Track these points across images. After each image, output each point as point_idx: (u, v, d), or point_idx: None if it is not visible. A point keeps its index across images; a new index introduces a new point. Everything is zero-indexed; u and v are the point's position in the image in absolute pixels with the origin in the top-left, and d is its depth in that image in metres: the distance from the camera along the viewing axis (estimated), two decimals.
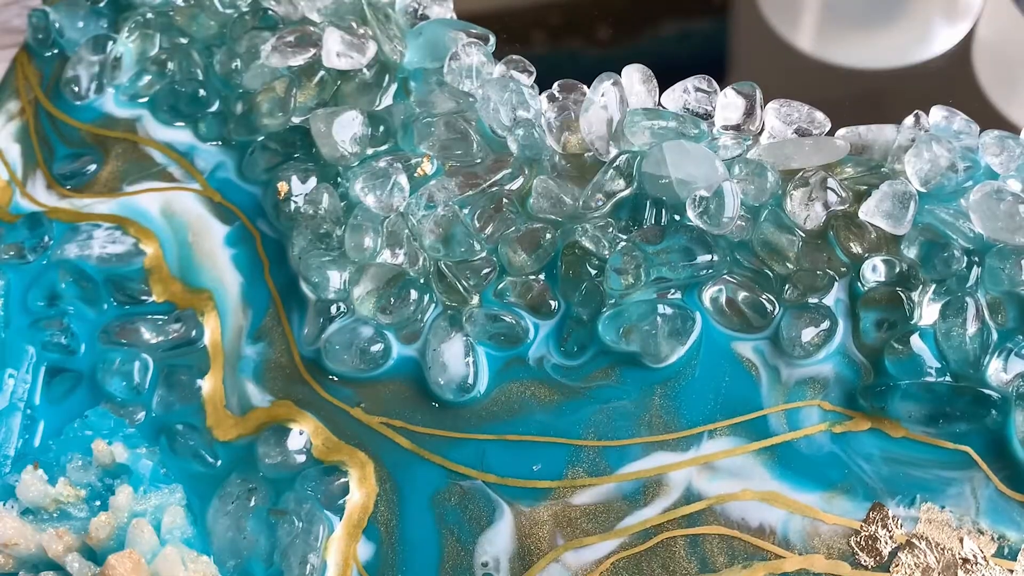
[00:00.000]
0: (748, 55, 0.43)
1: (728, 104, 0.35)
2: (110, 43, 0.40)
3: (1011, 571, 0.28)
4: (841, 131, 0.34)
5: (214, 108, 0.39)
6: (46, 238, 0.37)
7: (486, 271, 0.33)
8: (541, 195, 0.34)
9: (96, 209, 0.37)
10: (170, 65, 0.40)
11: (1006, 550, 0.29)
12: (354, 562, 0.30)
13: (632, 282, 0.32)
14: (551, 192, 0.34)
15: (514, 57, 0.37)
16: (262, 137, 0.37)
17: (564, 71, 0.37)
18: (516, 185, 0.35)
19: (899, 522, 0.29)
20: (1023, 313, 0.31)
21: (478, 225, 0.34)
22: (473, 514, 0.30)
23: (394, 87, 0.38)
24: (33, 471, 0.31)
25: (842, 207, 0.33)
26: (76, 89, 0.40)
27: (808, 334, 0.31)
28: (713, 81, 0.35)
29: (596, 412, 0.32)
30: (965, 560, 0.29)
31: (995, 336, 0.31)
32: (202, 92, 0.39)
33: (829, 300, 0.32)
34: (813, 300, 0.32)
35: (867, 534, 0.29)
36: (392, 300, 0.33)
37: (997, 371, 0.30)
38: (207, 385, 0.33)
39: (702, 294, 0.33)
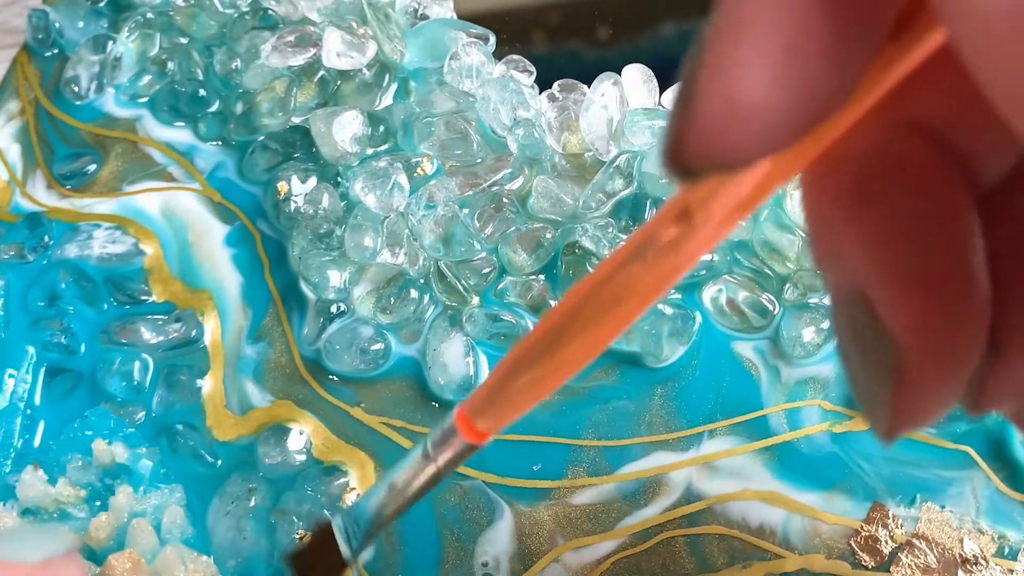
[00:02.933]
0: None
1: None
2: (110, 43, 0.40)
3: (1011, 571, 0.28)
4: None
5: (214, 108, 0.39)
6: (46, 238, 0.36)
7: (486, 271, 0.33)
8: (541, 195, 0.34)
9: (96, 209, 0.37)
10: (170, 65, 0.40)
11: (1006, 550, 0.29)
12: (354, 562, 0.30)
13: None
14: (551, 192, 0.34)
15: (514, 57, 0.37)
16: (262, 137, 0.37)
17: (564, 71, 0.37)
18: (516, 185, 0.35)
19: (899, 522, 0.29)
20: None
21: (478, 225, 0.34)
22: (473, 514, 0.30)
23: (394, 87, 0.38)
24: (33, 471, 0.31)
25: None
26: (76, 89, 0.40)
27: (808, 334, 0.31)
28: None
29: (596, 412, 0.32)
30: (965, 560, 0.29)
31: None
32: (202, 92, 0.39)
33: (829, 300, 0.32)
34: (813, 300, 0.32)
35: (867, 534, 0.29)
36: (392, 300, 0.33)
37: None
38: (207, 385, 0.33)
39: (702, 294, 0.33)
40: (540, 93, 0.36)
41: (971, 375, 0.14)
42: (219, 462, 0.32)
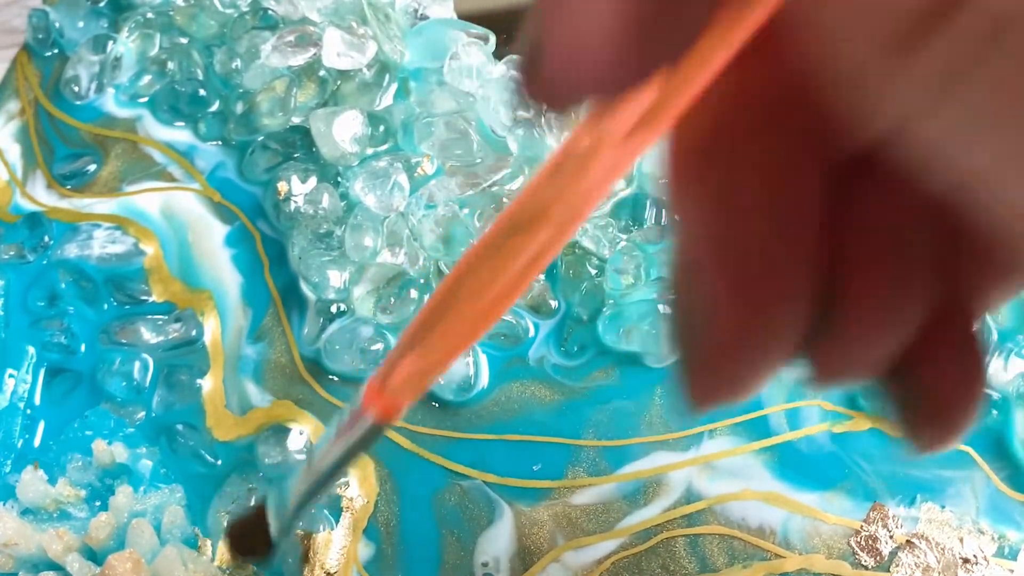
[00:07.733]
0: None
1: None
2: (110, 43, 0.40)
3: (1011, 571, 0.28)
4: None
5: (214, 108, 0.39)
6: (46, 238, 0.36)
7: None
8: None
9: (96, 209, 0.37)
10: (170, 65, 0.40)
11: (1006, 550, 0.29)
12: (354, 562, 0.30)
13: (632, 282, 0.32)
14: None
15: (514, 57, 0.37)
16: (262, 137, 0.37)
17: None
18: (516, 185, 0.35)
19: (899, 522, 0.29)
20: (1023, 313, 0.31)
21: (478, 225, 0.34)
22: (473, 514, 0.30)
23: (394, 87, 0.38)
24: (33, 471, 0.31)
25: None
26: (76, 89, 0.40)
27: None
28: None
29: (596, 412, 0.32)
30: (965, 560, 0.29)
31: (995, 336, 0.31)
32: (202, 92, 0.39)
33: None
34: None
35: (867, 534, 0.29)
36: (392, 300, 0.33)
37: (997, 371, 0.30)
38: (207, 385, 0.33)
39: None
40: None
41: (805, 348, 0.13)
42: (219, 462, 0.32)
